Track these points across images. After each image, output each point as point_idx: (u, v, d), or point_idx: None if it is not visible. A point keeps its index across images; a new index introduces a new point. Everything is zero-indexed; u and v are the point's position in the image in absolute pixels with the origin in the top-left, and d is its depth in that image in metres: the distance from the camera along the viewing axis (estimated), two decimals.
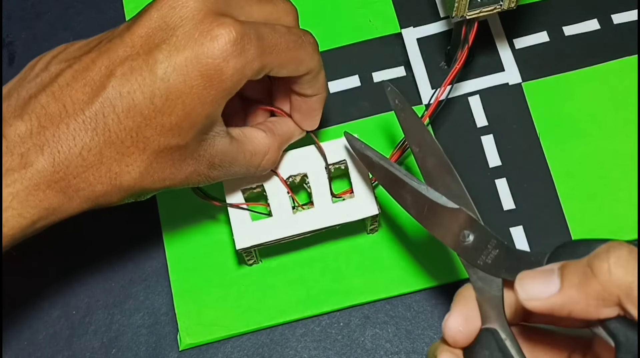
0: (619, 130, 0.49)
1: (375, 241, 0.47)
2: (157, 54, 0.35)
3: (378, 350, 0.46)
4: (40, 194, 0.35)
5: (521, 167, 0.48)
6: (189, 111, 0.35)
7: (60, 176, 0.35)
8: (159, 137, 0.36)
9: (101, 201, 0.37)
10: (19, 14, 0.55)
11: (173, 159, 0.37)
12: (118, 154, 0.35)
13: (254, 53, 0.36)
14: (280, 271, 0.47)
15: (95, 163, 0.35)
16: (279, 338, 0.46)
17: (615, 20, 0.51)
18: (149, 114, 0.35)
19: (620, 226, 0.47)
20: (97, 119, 0.35)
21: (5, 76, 0.53)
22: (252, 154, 0.40)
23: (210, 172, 0.39)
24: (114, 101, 0.35)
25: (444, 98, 0.47)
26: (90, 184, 0.36)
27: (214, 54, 0.35)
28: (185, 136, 0.36)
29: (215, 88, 0.35)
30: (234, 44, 0.35)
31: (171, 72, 0.35)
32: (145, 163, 0.36)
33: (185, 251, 0.48)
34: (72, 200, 0.36)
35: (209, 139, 0.38)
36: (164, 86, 0.35)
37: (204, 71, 0.35)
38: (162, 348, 0.46)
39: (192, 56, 0.35)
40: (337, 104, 0.50)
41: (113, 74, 0.35)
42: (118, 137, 0.35)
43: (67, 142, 0.35)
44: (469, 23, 0.45)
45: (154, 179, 0.37)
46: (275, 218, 0.43)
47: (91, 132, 0.35)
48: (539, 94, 0.50)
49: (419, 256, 0.47)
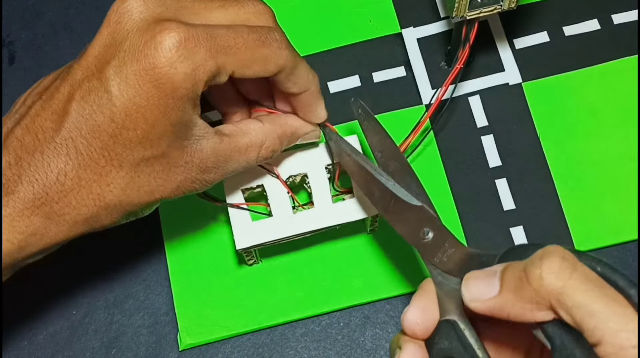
0: (619, 130, 0.49)
1: (375, 241, 0.47)
2: (108, 71, 0.35)
3: (378, 350, 0.46)
4: (25, 220, 0.35)
5: (521, 167, 0.48)
6: (153, 122, 0.35)
7: (42, 201, 0.35)
8: (131, 152, 0.36)
9: (92, 223, 0.37)
10: (19, 14, 0.55)
11: (155, 170, 0.36)
12: (95, 174, 0.36)
13: (204, 55, 0.35)
14: (280, 271, 0.47)
15: (75, 186, 0.36)
16: (279, 338, 0.46)
17: (615, 20, 0.51)
18: (114, 132, 0.35)
19: (620, 226, 0.47)
20: (68, 144, 0.35)
21: (6, 75, 0.53)
22: (248, 147, 0.39)
23: (205, 176, 0.38)
24: (79, 125, 0.35)
25: (445, 98, 0.47)
26: (75, 208, 0.36)
27: (159, 63, 0.34)
28: (157, 146, 0.36)
29: (170, 96, 0.34)
30: (178, 48, 0.34)
31: (124, 88, 0.34)
32: (126, 179, 0.36)
33: (186, 251, 0.48)
34: (59, 225, 0.36)
35: (193, 145, 0.37)
36: (120, 102, 0.34)
37: (154, 81, 0.34)
38: (162, 348, 0.46)
39: (139, 68, 0.34)
40: (337, 104, 0.50)
41: (73, 98, 0.35)
42: (91, 158, 0.35)
43: (44, 169, 0.35)
44: (469, 23, 0.45)
45: (140, 193, 0.37)
46: (275, 218, 0.43)
47: (64, 158, 0.35)
48: (539, 94, 0.50)
49: (419, 256, 0.47)
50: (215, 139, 0.38)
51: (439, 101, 0.46)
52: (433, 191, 0.48)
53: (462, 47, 0.45)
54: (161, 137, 0.36)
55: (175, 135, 0.36)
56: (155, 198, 0.37)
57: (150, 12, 0.35)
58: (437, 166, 0.49)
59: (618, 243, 0.47)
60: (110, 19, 0.36)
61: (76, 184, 0.36)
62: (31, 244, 0.36)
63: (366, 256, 0.47)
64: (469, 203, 0.48)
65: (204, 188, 0.39)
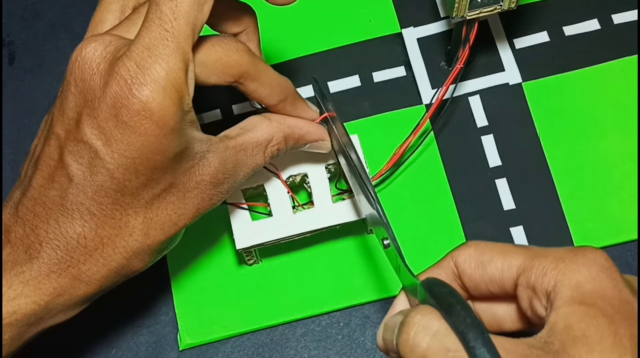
0: (619, 130, 0.49)
1: (375, 241, 0.47)
2: (87, 130, 0.34)
3: (378, 350, 0.46)
4: (52, 282, 0.35)
5: (521, 167, 0.48)
6: (153, 165, 0.34)
7: (67, 264, 0.35)
8: (141, 196, 0.35)
9: (125, 272, 0.37)
10: (19, 14, 0.55)
11: (171, 202, 0.36)
12: (115, 229, 0.35)
13: (165, 63, 0.33)
14: (280, 271, 0.47)
15: (98, 245, 0.35)
16: (279, 338, 0.46)
17: (615, 20, 0.51)
18: (118, 187, 0.34)
19: (620, 226, 0.47)
20: (79, 209, 0.35)
21: (6, 75, 0.53)
22: (255, 146, 0.39)
23: (219, 189, 0.38)
24: (83, 189, 0.35)
25: (446, 98, 0.47)
26: (103, 265, 0.36)
27: (135, 108, 0.32)
28: (165, 180, 0.35)
29: (161, 136, 0.33)
30: (141, 80, 0.32)
31: (112, 145, 0.33)
32: (146, 222, 0.36)
33: (186, 251, 0.48)
34: (89, 283, 0.36)
35: (199, 163, 0.36)
36: (113, 161, 0.34)
37: (137, 129, 0.33)
38: (162, 348, 0.46)
39: (119, 122, 0.33)
40: (337, 104, 0.50)
41: (67, 164, 0.34)
42: (106, 215, 0.35)
43: (62, 235, 0.35)
44: (469, 23, 0.45)
45: (164, 229, 0.36)
46: (275, 218, 0.43)
47: (80, 221, 0.35)
48: (539, 94, 0.50)
49: (419, 256, 0.47)
50: (221, 148, 0.37)
51: (439, 101, 0.46)
52: (433, 191, 0.48)
53: (462, 47, 0.45)
54: (166, 172, 0.35)
55: (178, 163, 0.35)
56: (179, 228, 0.37)
57: (107, 53, 0.34)
58: (437, 166, 0.49)
59: (618, 243, 0.47)
60: (72, 71, 0.34)
61: (99, 243, 0.35)
62: (59, 304, 0.36)
63: (366, 256, 0.47)
64: (469, 203, 0.48)
65: (222, 200, 0.39)
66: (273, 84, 0.39)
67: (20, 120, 0.52)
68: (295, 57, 0.52)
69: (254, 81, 0.38)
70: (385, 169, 0.46)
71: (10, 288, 0.34)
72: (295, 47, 0.52)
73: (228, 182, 0.38)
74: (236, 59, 0.36)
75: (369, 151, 0.48)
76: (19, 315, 0.34)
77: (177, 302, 0.47)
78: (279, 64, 0.51)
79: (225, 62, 0.36)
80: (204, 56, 0.35)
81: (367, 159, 0.45)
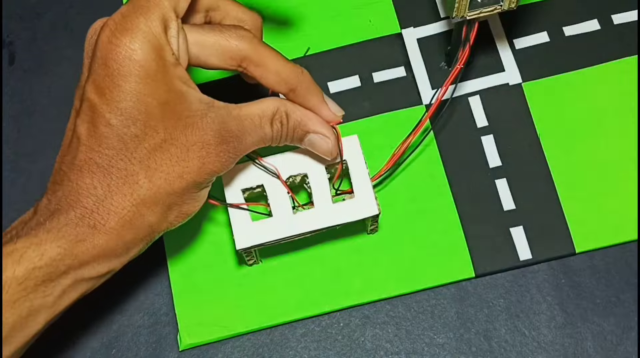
0: (619, 130, 0.49)
1: (375, 241, 0.47)
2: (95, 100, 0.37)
3: (378, 350, 0.46)
4: (71, 229, 0.37)
5: (521, 167, 0.48)
6: (145, 110, 0.37)
7: (82, 213, 0.37)
8: (141, 145, 0.37)
9: (139, 224, 0.38)
10: (19, 14, 0.55)
11: (173, 154, 0.38)
12: (121, 178, 0.37)
13: (145, 17, 0.36)
14: (280, 271, 0.47)
15: (107, 194, 0.37)
16: (279, 338, 0.46)
17: (615, 20, 0.51)
18: (118, 136, 0.37)
19: (620, 226, 0.47)
20: (87, 163, 0.37)
21: (6, 75, 0.53)
22: (262, 116, 0.40)
23: (224, 147, 0.39)
24: (90, 144, 0.37)
25: (445, 98, 0.47)
26: (114, 213, 0.38)
27: (111, 54, 0.36)
28: (162, 130, 0.37)
29: (141, 72, 0.36)
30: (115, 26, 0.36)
31: (104, 93, 0.36)
32: (149, 171, 0.38)
33: (186, 251, 0.48)
34: (107, 232, 0.38)
35: (200, 120, 0.38)
36: (107, 107, 0.36)
37: (117, 67, 0.36)
38: (162, 348, 0.46)
39: (102, 65, 0.36)
40: (337, 104, 0.50)
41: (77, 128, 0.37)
42: (111, 165, 0.37)
43: (75, 189, 0.37)
44: (470, 23, 0.44)
45: (169, 180, 0.38)
46: (275, 218, 0.43)
47: (88, 173, 0.37)
48: (539, 94, 0.50)
49: (418, 256, 0.47)
50: (223, 111, 0.39)
51: (439, 101, 0.46)
52: (433, 191, 0.48)
53: (462, 47, 0.45)
54: (161, 121, 0.37)
55: (176, 115, 0.37)
56: (187, 181, 0.38)
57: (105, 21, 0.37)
58: (437, 166, 0.49)
59: (618, 243, 0.47)
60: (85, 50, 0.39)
61: (107, 191, 0.37)
62: (84, 252, 0.37)
63: (366, 256, 0.47)
64: (469, 203, 0.48)
65: (231, 162, 0.40)
66: (280, 71, 0.40)
67: (20, 120, 0.52)
68: (295, 57, 0.52)
69: (258, 66, 0.40)
70: (385, 169, 0.46)
71: (35, 236, 0.36)
72: (296, 47, 0.52)
73: (233, 143, 0.39)
74: (236, 43, 0.39)
75: (369, 151, 0.48)
76: (46, 258, 0.36)
77: (177, 302, 0.47)
78: None
79: (224, 45, 0.39)
80: (201, 37, 0.39)
81: (367, 159, 0.45)
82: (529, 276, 0.47)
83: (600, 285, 0.46)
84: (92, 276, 0.38)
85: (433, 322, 0.46)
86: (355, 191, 0.44)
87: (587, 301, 0.46)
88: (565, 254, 0.47)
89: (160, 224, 0.39)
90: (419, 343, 0.46)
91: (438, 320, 0.46)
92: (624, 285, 0.46)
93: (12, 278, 0.35)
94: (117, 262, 0.39)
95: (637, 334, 0.45)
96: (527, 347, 0.45)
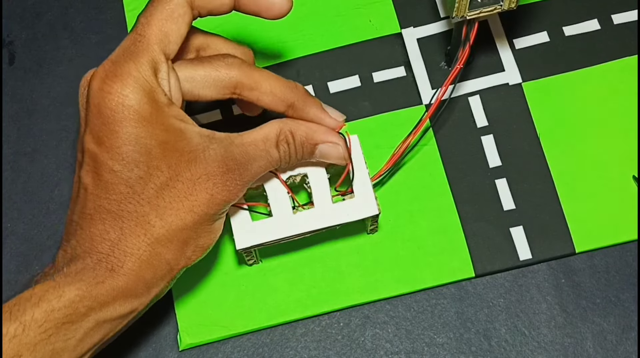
0: (619, 130, 0.49)
1: (375, 241, 0.47)
2: (94, 149, 0.37)
3: (378, 350, 0.46)
4: (89, 273, 0.37)
5: (521, 167, 0.48)
6: (145, 151, 0.37)
7: (98, 258, 0.37)
8: (147, 186, 0.37)
9: (157, 263, 0.38)
10: (19, 14, 0.55)
11: (180, 190, 0.38)
12: (132, 220, 0.38)
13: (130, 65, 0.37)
14: (280, 271, 0.47)
15: (120, 237, 0.38)
16: (279, 338, 0.46)
17: (615, 20, 0.51)
18: (123, 181, 0.37)
19: (620, 226, 0.47)
20: (97, 210, 0.38)
21: (5, 75, 0.53)
22: (265, 140, 0.40)
23: (231, 176, 0.39)
24: (97, 192, 0.37)
25: (445, 98, 0.47)
26: (132, 254, 0.38)
27: (101, 104, 0.36)
28: (166, 169, 0.37)
29: (135, 116, 0.36)
30: (103, 77, 0.37)
31: (103, 142, 0.37)
32: (160, 210, 0.38)
33: None
34: (126, 274, 0.38)
35: (202, 154, 0.38)
36: (107, 154, 0.37)
37: (112, 114, 0.36)
38: (162, 348, 0.46)
39: (97, 114, 0.37)
40: (337, 104, 0.50)
41: (83, 179, 0.38)
42: (121, 209, 0.38)
43: (89, 236, 0.38)
44: (470, 23, 0.44)
45: (180, 216, 0.38)
46: (275, 218, 0.43)
47: (99, 220, 0.37)
48: (539, 94, 0.50)
49: (418, 256, 0.47)
50: (225, 142, 0.39)
51: (438, 101, 0.46)
52: (433, 191, 0.48)
53: (462, 47, 0.45)
54: (163, 160, 0.37)
55: (178, 153, 0.37)
56: (198, 215, 0.38)
57: (93, 72, 0.38)
58: (437, 166, 0.49)
59: (618, 243, 0.47)
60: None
61: (121, 235, 0.37)
62: (104, 294, 0.37)
63: (366, 256, 0.47)
64: (469, 203, 0.48)
65: (239, 190, 0.39)
66: (275, 91, 0.41)
67: (20, 120, 0.52)
68: (295, 57, 0.52)
69: (252, 89, 0.40)
70: (385, 169, 0.46)
71: (53, 280, 0.36)
72: (296, 47, 0.52)
73: (239, 171, 0.39)
74: (226, 72, 0.40)
75: (369, 151, 0.48)
76: (65, 300, 0.36)
77: (177, 302, 0.47)
78: (279, 64, 0.51)
79: (214, 75, 0.39)
80: (191, 72, 0.39)
81: (367, 159, 0.45)
82: (529, 276, 0.47)
83: (600, 285, 0.46)
84: (114, 317, 0.38)
85: (433, 321, 0.46)
86: (355, 191, 0.44)
87: (587, 301, 0.46)
88: (565, 254, 0.47)
89: (178, 260, 0.39)
90: (419, 343, 0.46)
91: (438, 320, 0.46)
92: (624, 285, 0.46)
93: (32, 321, 0.35)
94: (138, 302, 0.38)
95: (637, 334, 0.45)
96: (527, 346, 0.45)
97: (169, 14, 0.38)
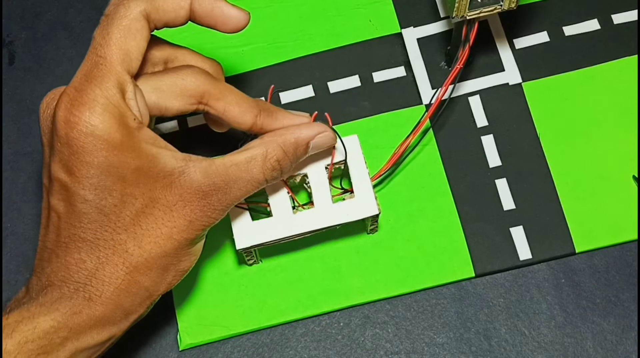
0: (619, 130, 0.49)
1: (375, 241, 0.48)
2: (54, 169, 0.36)
3: (378, 350, 0.46)
4: (65, 303, 0.36)
5: (521, 167, 0.48)
6: (119, 178, 0.36)
7: (75, 288, 0.37)
8: (123, 212, 0.37)
9: (135, 290, 0.38)
10: (19, 14, 0.55)
11: (157, 216, 0.37)
12: (109, 249, 0.37)
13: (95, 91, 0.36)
14: (280, 271, 0.47)
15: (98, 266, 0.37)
16: (279, 338, 0.46)
17: (615, 20, 0.51)
18: (97, 209, 0.36)
19: (620, 226, 0.47)
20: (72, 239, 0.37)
21: (5, 75, 0.53)
22: (249, 161, 0.39)
23: (208, 201, 0.38)
24: (71, 221, 0.36)
25: (446, 98, 0.47)
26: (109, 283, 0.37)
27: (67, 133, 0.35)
28: (143, 194, 0.37)
29: (105, 144, 0.35)
30: (68, 105, 0.36)
31: (73, 171, 0.36)
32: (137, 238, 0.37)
33: None
34: (103, 304, 0.37)
35: (178, 178, 0.37)
36: (78, 184, 0.36)
37: (81, 143, 0.35)
38: (162, 348, 0.46)
39: (65, 144, 0.35)
40: (337, 104, 0.50)
41: (54, 207, 0.37)
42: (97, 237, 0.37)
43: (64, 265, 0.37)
44: (470, 23, 0.45)
45: (158, 243, 0.38)
46: (275, 218, 0.43)
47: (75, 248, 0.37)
48: (539, 94, 0.50)
49: (418, 256, 0.47)
50: (204, 164, 0.38)
51: (438, 101, 0.46)
52: (433, 191, 0.48)
53: (462, 47, 0.45)
54: (137, 186, 0.36)
55: (152, 178, 0.36)
56: (178, 241, 0.38)
57: (53, 96, 0.37)
58: (437, 166, 0.49)
59: (618, 243, 0.47)
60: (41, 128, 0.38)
61: (98, 263, 0.37)
62: (79, 324, 0.36)
63: (366, 256, 0.47)
64: (469, 203, 0.48)
65: (219, 214, 0.39)
66: (241, 102, 0.40)
67: (20, 120, 0.52)
68: (295, 57, 0.52)
69: (219, 100, 0.39)
70: (385, 169, 0.46)
71: (28, 310, 0.36)
72: (296, 47, 0.52)
73: (218, 195, 0.38)
74: (192, 80, 0.39)
75: (369, 151, 0.48)
76: (39, 331, 0.35)
77: (177, 302, 0.47)
78: (278, 65, 0.51)
79: (180, 84, 0.38)
80: (157, 82, 0.38)
81: (367, 159, 0.45)
82: (529, 276, 0.47)
83: (600, 285, 0.46)
84: (91, 346, 0.37)
85: (433, 321, 0.46)
86: (355, 191, 0.44)
87: (587, 301, 0.46)
88: (565, 254, 0.47)
89: (158, 287, 0.38)
90: (419, 343, 0.46)
91: (438, 320, 0.46)
92: (623, 285, 0.46)
93: (4, 353, 0.34)
94: (116, 329, 0.38)
95: (637, 334, 0.45)
96: (527, 346, 0.45)
97: (126, 31, 0.36)
